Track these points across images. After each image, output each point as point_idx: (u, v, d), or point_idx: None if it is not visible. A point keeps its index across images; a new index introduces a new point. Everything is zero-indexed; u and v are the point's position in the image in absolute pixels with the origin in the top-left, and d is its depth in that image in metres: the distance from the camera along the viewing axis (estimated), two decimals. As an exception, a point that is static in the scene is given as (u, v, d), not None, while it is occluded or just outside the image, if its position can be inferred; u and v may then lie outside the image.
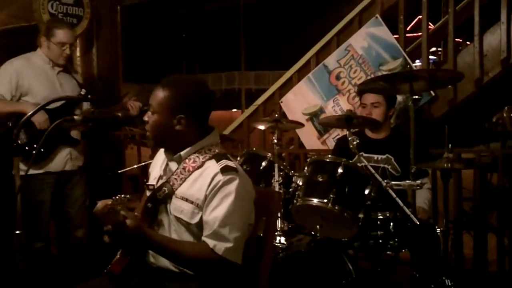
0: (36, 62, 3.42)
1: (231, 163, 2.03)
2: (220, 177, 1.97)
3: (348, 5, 4.99)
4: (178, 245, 1.98)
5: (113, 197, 1.85)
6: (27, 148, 3.23)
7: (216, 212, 1.96)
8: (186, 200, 2.02)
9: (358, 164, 2.95)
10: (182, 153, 2.07)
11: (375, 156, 3.32)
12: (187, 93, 2.06)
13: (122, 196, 1.85)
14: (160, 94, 2.04)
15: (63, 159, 3.44)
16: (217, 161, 2.02)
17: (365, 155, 3.26)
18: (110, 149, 4.26)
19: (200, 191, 2.00)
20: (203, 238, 1.98)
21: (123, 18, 4.58)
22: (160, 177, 2.15)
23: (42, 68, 3.42)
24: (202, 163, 2.04)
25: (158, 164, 2.23)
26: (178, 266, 2.01)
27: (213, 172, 1.99)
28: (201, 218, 1.99)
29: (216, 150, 2.09)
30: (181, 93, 2.05)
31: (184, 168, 2.06)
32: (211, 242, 1.95)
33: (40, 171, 3.35)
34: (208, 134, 2.12)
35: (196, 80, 2.17)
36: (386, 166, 3.29)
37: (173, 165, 2.11)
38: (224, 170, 1.99)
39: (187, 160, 2.07)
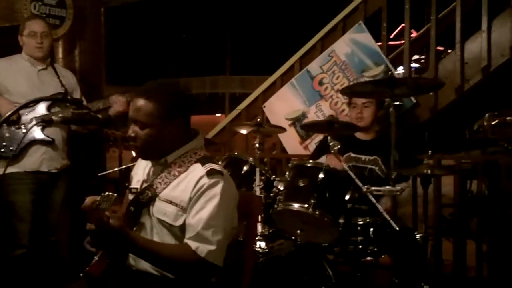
0: (18, 61, 3.45)
1: (216, 166, 2.03)
2: (206, 180, 1.97)
3: (332, 12, 5.01)
4: (159, 247, 1.96)
5: (102, 194, 1.83)
6: None
7: (200, 215, 1.95)
8: (170, 202, 2.00)
9: (343, 164, 2.95)
10: (168, 157, 2.06)
11: (363, 157, 3.34)
12: (173, 97, 2.06)
13: (110, 194, 1.84)
14: (146, 106, 1.98)
15: (38, 158, 3.37)
16: (203, 164, 2.02)
17: (353, 155, 3.30)
18: (91, 151, 4.21)
19: (185, 193, 1.99)
20: (186, 240, 1.96)
21: (107, 20, 4.55)
22: (144, 181, 2.13)
23: (22, 67, 3.43)
24: (187, 167, 2.04)
25: (142, 167, 2.20)
26: (158, 270, 1.99)
27: (198, 175, 1.98)
28: (184, 220, 1.98)
29: (201, 154, 2.08)
30: (168, 98, 2.03)
31: (169, 172, 2.05)
32: (193, 244, 1.94)
33: (16, 170, 3.29)
34: (193, 138, 2.11)
35: (173, 83, 2.18)
36: (373, 167, 3.31)
37: (158, 169, 2.10)
38: (210, 173, 1.98)
39: (172, 164, 2.06)
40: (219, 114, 22.55)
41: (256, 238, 2.96)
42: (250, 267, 2.20)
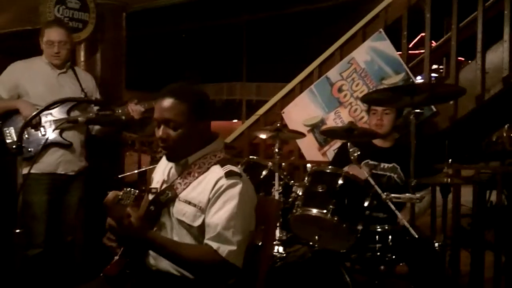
0: (38, 64, 3.49)
1: (235, 168, 2.05)
2: (224, 181, 1.99)
3: (350, 20, 5.01)
4: (180, 247, 1.99)
5: (124, 189, 1.86)
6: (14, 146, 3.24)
7: (219, 215, 1.97)
8: (189, 203, 2.03)
9: (366, 174, 2.94)
10: (189, 158, 2.09)
11: (382, 164, 3.34)
12: (201, 98, 2.11)
13: (132, 190, 1.87)
14: (180, 106, 2.02)
15: (55, 160, 3.40)
16: (222, 166, 2.05)
17: (371, 162, 3.28)
18: (109, 154, 4.24)
19: (203, 194, 2.01)
20: (206, 241, 1.98)
21: (127, 25, 4.60)
22: (164, 182, 2.16)
23: (42, 70, 3.47)
24: (207, 169, 2.06)
25: (162, 167, 2.24)
26: (179, 270, 2.01)
27: (217, 176, 2.01)
28: (203, 221, 2.00)
29: (221, 156, 2.11)
30: (197, 99, 2.08)
31: (189, 173, 2.07)
32: (214, 244, 1.96)
33: (33, 171, 3.25)
34: (213, 140, 2.14)
35: (195, 85, 2.21)
36: (392, 174, 3.30)
37: (178, 170, 2.12)
38: (229, 174, 2.01)
39: (192, 166, 2.08)
40: (235, 120, 22.65)
41: (274, 242, 2.96)
42: (265, 271, 2.20)
